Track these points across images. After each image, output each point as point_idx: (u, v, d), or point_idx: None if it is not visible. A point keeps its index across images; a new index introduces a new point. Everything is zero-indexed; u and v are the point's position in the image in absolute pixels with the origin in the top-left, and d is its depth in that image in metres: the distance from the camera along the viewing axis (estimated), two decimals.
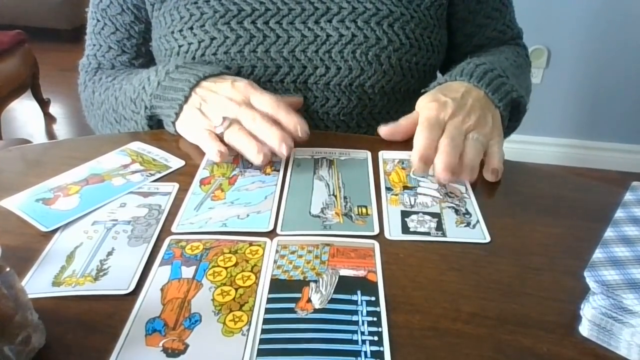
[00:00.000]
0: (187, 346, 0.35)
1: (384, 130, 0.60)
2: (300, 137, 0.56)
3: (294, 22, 0.65)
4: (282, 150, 0.53)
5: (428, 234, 0.46)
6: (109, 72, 0.75)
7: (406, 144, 0.61)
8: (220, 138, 0.56)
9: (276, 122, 0.55)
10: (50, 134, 2.56)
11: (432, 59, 0.70)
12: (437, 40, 0.70)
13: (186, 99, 0.59)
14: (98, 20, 0.74)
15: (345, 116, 0.68)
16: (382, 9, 0.65)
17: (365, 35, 0.65)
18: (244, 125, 0.55)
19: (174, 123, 0.60)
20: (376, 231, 0.47)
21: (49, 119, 2.66)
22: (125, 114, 0.66)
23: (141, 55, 0.76)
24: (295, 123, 0.55)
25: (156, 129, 0.64)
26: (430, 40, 0.68)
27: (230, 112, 0.56)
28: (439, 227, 0.47)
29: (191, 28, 0.66)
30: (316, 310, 0.38)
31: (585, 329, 0.37)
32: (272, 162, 0.57)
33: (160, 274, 0.42)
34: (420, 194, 0.52)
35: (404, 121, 0.60)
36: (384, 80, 0.67)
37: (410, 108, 0.73)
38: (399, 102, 0.70)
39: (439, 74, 0.75)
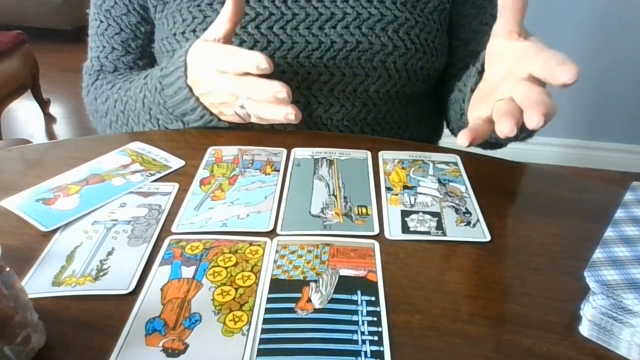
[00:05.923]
0: (187, 346, 0.35)
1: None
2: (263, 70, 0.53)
3: (298, 27, 0.64)
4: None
5: (428, 233, 0.46)
6: (109, 77, 0.74)
7: (406, 144, 0.62)
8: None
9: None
10: (50, 134, 2.56)
11: (436, 63, 0.69)
12: (441, 44, 0.69)
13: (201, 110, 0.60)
14: (101, 22, 0.73)
15: (349, 121, 0.68)
16: (386, 14, 0.65)
17: (370, 42, 0.64)
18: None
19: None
20: (376, 231, 0.47)
21: (49, 119, 2.66)
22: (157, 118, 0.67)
23: (146, 55, 0.75)
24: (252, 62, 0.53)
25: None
26: (435, 45, 0.68)
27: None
28: (439, 226, 0.47)
29: (194, 31, 0.65)
30: (316, 310, 0.38)
31: (585, 329, 0.37)
32: (272, 162, 0.57)
33: (160, 274, 0.42)
34: (420, 193, 0.52)
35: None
36: (389, 85, 0.67)
37: (413, 111, 0.73)
38: (402, 105, 0.70)
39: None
